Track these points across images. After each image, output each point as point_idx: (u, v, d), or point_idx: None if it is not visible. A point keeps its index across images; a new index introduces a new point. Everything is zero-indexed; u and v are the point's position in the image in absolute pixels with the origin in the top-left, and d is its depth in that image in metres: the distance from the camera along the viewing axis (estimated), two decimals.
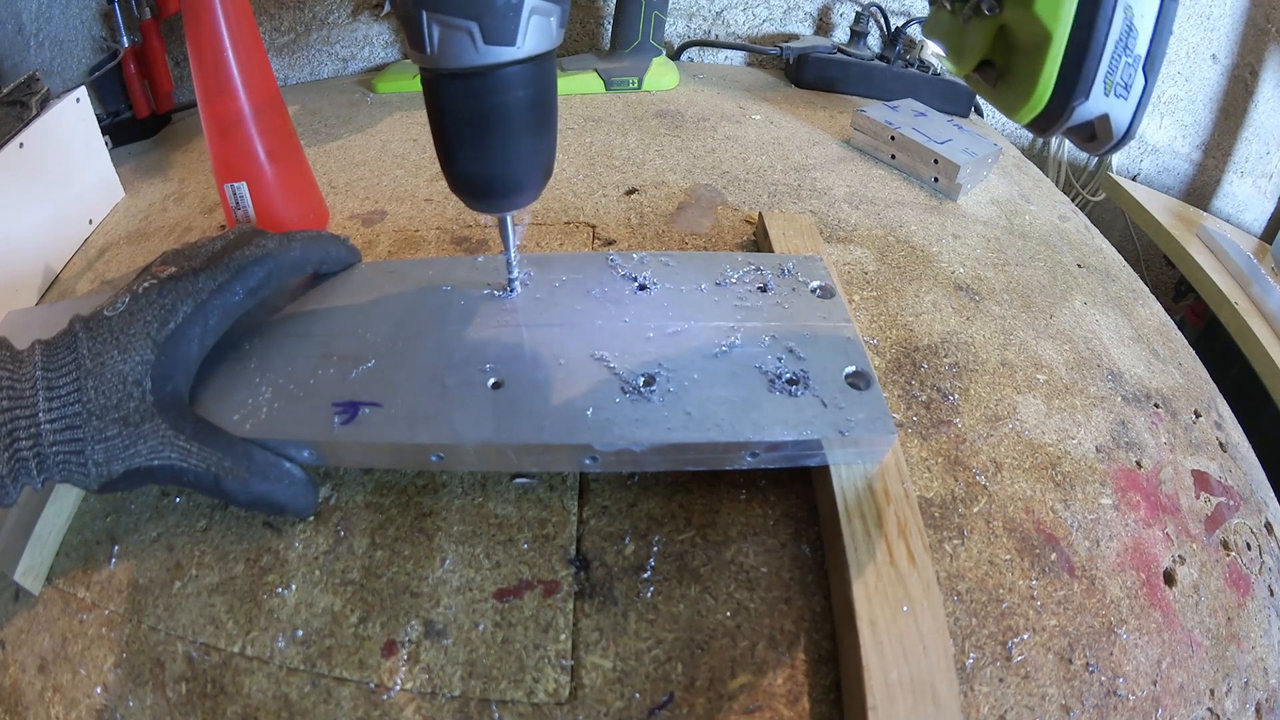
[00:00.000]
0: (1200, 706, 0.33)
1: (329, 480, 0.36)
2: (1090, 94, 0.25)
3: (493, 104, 0.28)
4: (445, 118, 0.29)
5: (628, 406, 0.32)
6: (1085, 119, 0.26)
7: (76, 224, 0.59)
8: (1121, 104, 0.26)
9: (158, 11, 0.72)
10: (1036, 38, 0.25)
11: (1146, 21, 0.25)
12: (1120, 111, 0.26)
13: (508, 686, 0.30)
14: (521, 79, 0.28)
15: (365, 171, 0.63)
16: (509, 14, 0.25)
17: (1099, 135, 0.27)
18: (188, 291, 0.32)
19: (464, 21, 0.25)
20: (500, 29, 0.26)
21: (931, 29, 0.30)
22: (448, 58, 0.26)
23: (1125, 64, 0.25)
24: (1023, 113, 0.27)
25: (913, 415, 0.41)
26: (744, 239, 0.53)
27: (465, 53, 0.26)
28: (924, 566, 0.30)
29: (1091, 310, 0.52)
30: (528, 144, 0.30)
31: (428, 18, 0.25)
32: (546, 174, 0.32)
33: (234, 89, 0.46)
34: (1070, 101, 0.26)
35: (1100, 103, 0.26)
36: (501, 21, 0.25)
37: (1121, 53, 0.25)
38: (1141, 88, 0.26)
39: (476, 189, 0.31)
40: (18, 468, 0.28)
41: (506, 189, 0.31)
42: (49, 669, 0.32)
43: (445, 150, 0.30)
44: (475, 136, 0.29)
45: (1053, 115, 0.26)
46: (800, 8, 0.90)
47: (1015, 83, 0.27)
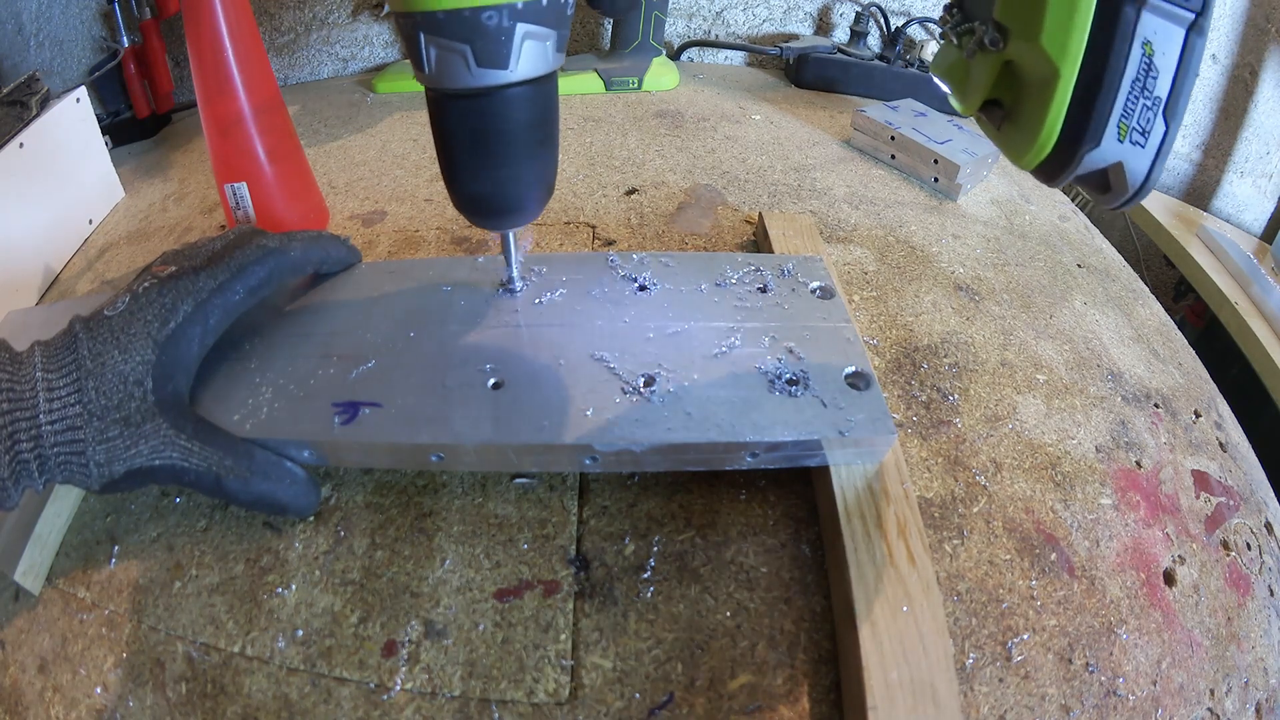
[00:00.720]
0: (1200, 706, 0.33)
1: (329, 480, 0.36)
2: (1102, 140, 0.23)
3: (491, 124, 0.28)
4: (447, 136, 0.30)
5: (628, 407, 0.32)
6: (1097, 167, 0.24)
7: (76, 224, 0.59)
8: (1138, 152, 0.23)
9: (158, 11, 0.72)
10: (1043, 75, 0.23)
11: (1168, 59, 0.22)
12: (1136, 161, 0.23)
13: (508, 686, 0.30)
14: (518, 101, 0.28)
15: (365, 171, 0.63)
16: (500, 38, 0.26)
17: (1113, 186, 0.24)
18: (188, 291, 0.32)
19: (458, 44, 0.26)
20: (492, 52, 0.26)
21: (938, 65, 0.28)
22: (445, 78, 0.27)
23: (1143, 107, 0.22)
24: (1028, 158, 0.25)
25: (913, 415, 0.41)
26: (744, 239, 0.53)
27: (460, 74, 0.27)
28: (924, 566, 0.30)
29: (1091, 310, 0.52)
30: (527, 164, 0.30)
31: (425, 39, 0.26)
32: (547, 193, 0.32)
33: (234, 89, 0.46)
34: (1079, 147, 0.23)
35: (1114, 150, 0.23)
36: (493, 45, 0.26)
37: (1139, 94, 0.22)
38: (1162, 135, 0.23)
39: (478, 207, 0.32)
40: (19, 470, 0.28)
41: (506, 208, 0.32)
42: (49, 669, 0.32)
43: (448, 168, 0.31)
44: (476, 156, 0.29)
45: (1060, 162, 0.24)
46: (800, 8, 0.90)
47: (1021, 125, 0.25)
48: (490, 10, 0.25)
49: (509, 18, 0.25)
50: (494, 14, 0.25)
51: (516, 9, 0.25)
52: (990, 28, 0.24)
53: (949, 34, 0.26)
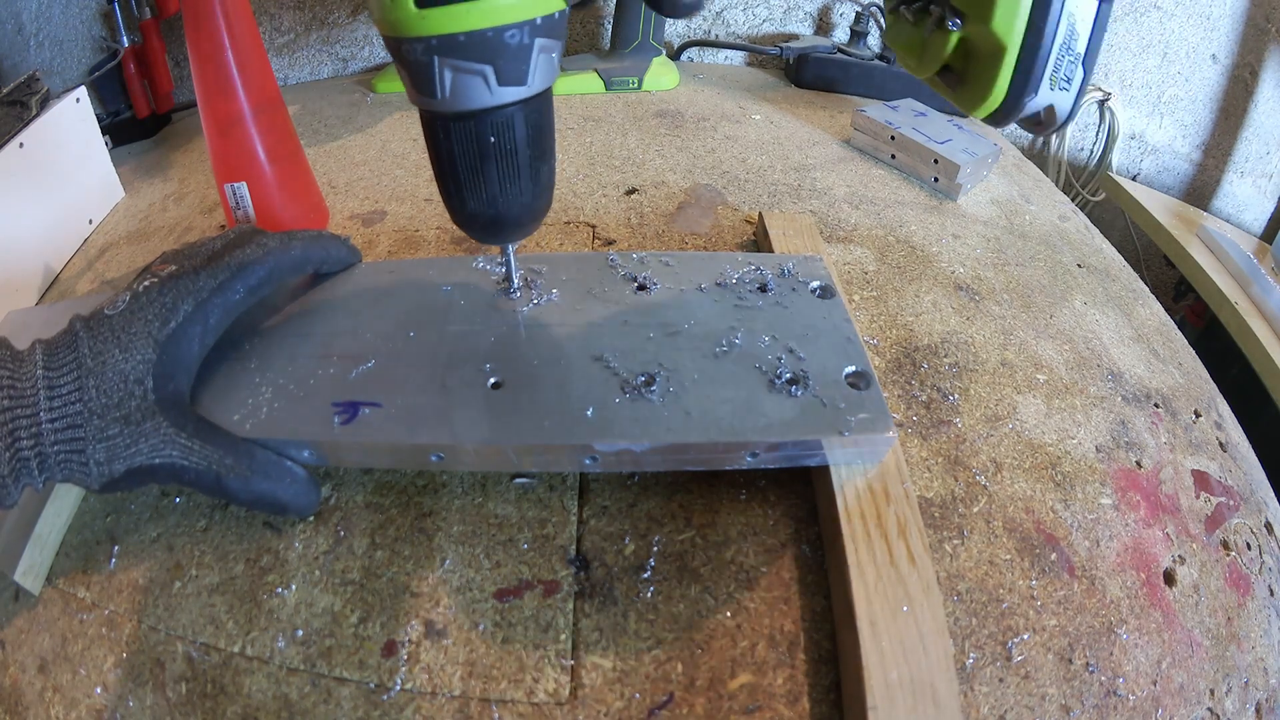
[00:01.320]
0: (1200, 706, 0.33)
1: (329, 480, 0.36)
2: (1039, 90, 0.29)
3: (497, 141, 0.28)
4: (451, 157, 0.29)
5: (628, 406, 0.32)
6: (1034, 110, 0.30)
7: (76, 224, 0.59)
8: (1064, 94, 0.29)
9: (158, 11, 0.72)
10: (993, 48, 0.28)
11: (1085, 24, 0.28)
12: (1063, 101, 0.30)
13: (508, 686, 0.30)
14: (527, 116, 0.28)
15: (365, 171, 0.63)
16: (522, 55, 0.26)
17: (1045, 121, 0.31)
18: (188, 290, 0.32)
19: (479, 66, 0.25)
20: (513, 70, 0.26)
21: (893, 37, 0.32)
22: (461, 101, 0.27)
23: (1068, 61, 0.28)
24: (980, 110, 0.30)
25: (913, 415, 0.41)
26: (744, 239, 0.53)
27: (479, 95, 0.26)
28: (924, 566, 0.30)
29: (1091, 310, 0.52)
30: (529, 178, 0.30)
31: (440, 63, 0.25)
32: (547, 205, 0.33)
33: (234, 89, 0.46)
34: (1022, 98, 0.29)
35: (1046, 96, 0.29)
36: (514, 63, 0.26)
37: (1065, 53, 0.28)
38: (1081, 79, 0.29)
39: (482, 224, 0.32)
40: (19, 467, 0.28)
41: (511, 223, 0.32)
42: (49, 669, 0.32)
43: (450, 189, 0.30)
44: (480, 174, 0.29)
45: (1007, 110, 0.30)
46: (800, 8, 0.90)
47: (974, 86, 0.30)
48: (513, 29, 0.25)
49: (529, 34, 0.25)
50: (516, 32, 0.25)
51: (536, 25, 0.25)
52: (949, 11, 0.29)
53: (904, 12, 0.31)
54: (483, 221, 0.31)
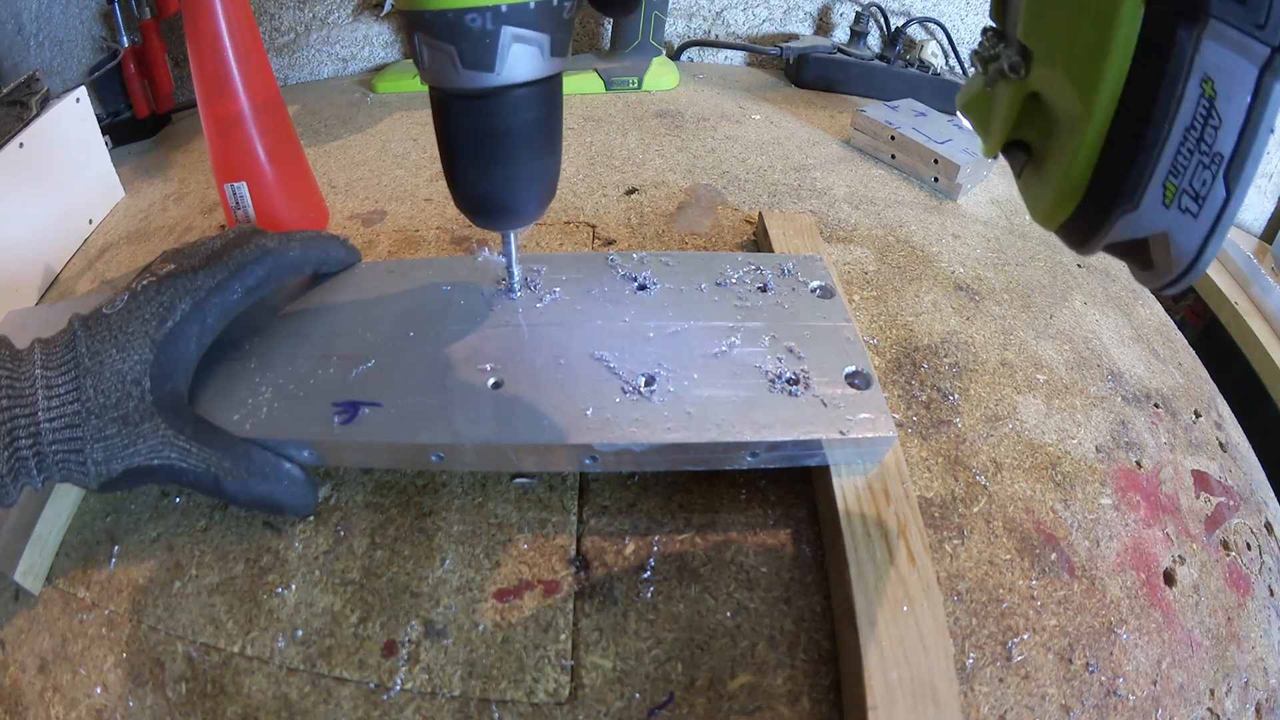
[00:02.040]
0: (1200, 706, 0.33)
1: (329, 480, 0.36)
2: (1142, 203, 0.18)
3: (490, 125, 0.28)
4: (448, 135, 0.30)
5: (628, 406, 0.32)
6: (1134, 236, 0.19)
7: (76, 224, 0.59)
8: (1188, 222, 0.18)
9: (158, 11, 0.72)
10: (1070, 112, 0.18)
11: (1235, 105, 0.17)
12: (1186, 233, 0.18)
13: (508, 686, 0.30)
14: (516, 103, 0.28)
15: (365, 171, 0.63)
16: (485, 40, 0.26)
17: (1156, 262, 0.19)
18: (186, 289, 0.32)
19: (445, 45, 0.26)
20: (476, 55, 0.26)
21: (962, 95, 0.24)
22: (436, 77, 0.27)
23: (1198, 164, 0.17)
24: (1048, 215, 0.20)
25: (913, 415, 0.41)
26: (744, 239, 0.53)
27: (449, 74, 0.27)
28: (924, 567, 0.30)
29: (1091, 310, 0.52)
30: (527, 165, 0.30)
31: (418, 38, 0.26)
32: (548, 195, 0.32)
33: (234, 89, 0.46)
34: (1112, 209, 0.18)
35: (1157, 216, 0.18)
36: (477, 48, 0.26)
37: (1194, 148, 0.17)
38: (1221, 202, 0.18)
39: (478, 206, 0.32)
40: (18, 467, 0.28)
41: (506, 208, 0.31)
42: (49, 669, 0.32)
43: (449, 167, 0.31)
44: (476, 155, 0.29)
45: (1088, 224, 0.19)
46: (800, 8, 0.90)
47: (1043, 173, 0.20)
48: (473, 13, 0.25)
49: (493, 21, 0.25)
50: (477, 16, 0.25)
51: (501, 12, 0.25)
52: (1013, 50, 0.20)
53: (976, 59, 0.22)
54: (475, 203, 0.31)
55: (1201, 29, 0.16)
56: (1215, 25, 0.16)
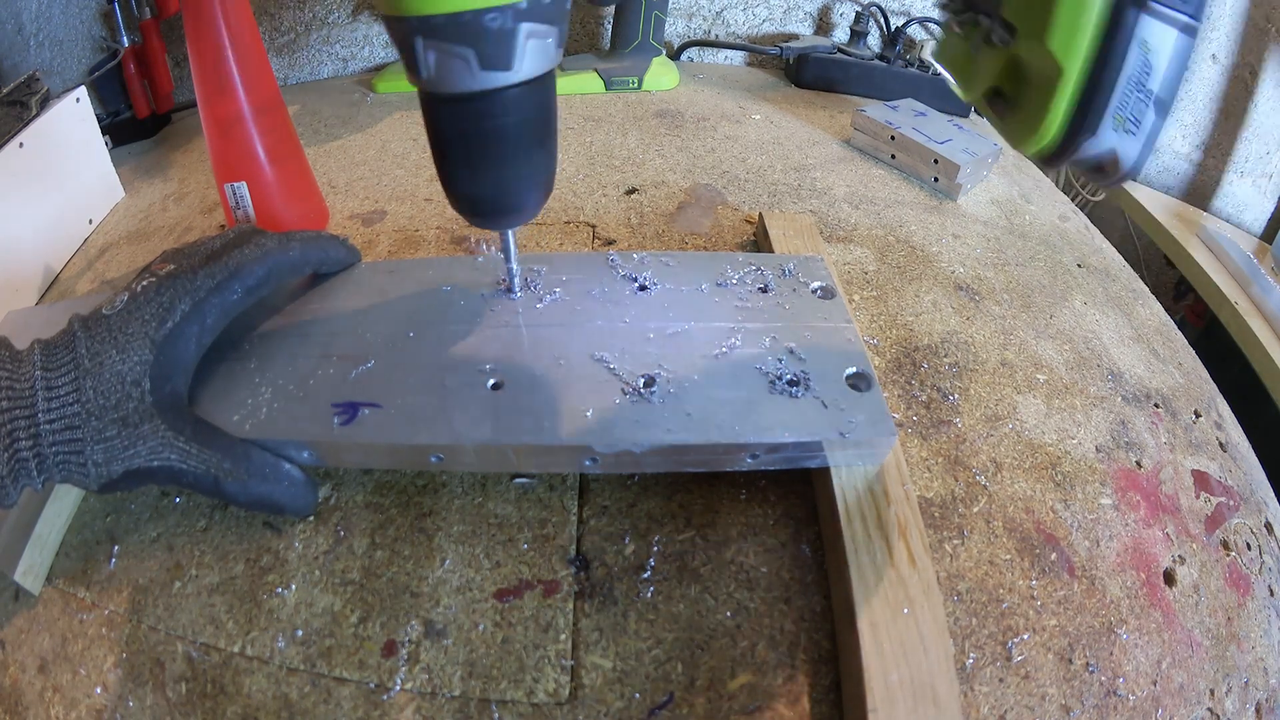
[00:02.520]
0: (1200, 706, 0.33)
1: (329, 480, 0.36)
2: (1099, 130, 0.24)
3: (490, 126, 0.28)
4: (443, 140, 0.29)
5: (628, 407, 0.32)
6: (1092, 154, 0.25)
7: (76, 224, 0.59)
8: (1130, 140, 0.25)
9: (158, 11, 0.72)
10: (1048, 72, 0.24)
11: (1162, 56, 0.23)
12: (1129, 147, 0.25)
13: (508, 686, 0.30)
14: (520, 101, 0.27)
15: (365, 171, 0.63)
16: (505, 39, 0.25)
17: (1106, 170, 0.26)
18: (185, 290, 0.32)
19: (460, 48, 0.25)
20: (497, 55, 0.25)
21: (941, 52, 0.29)
22: (445, 83, 0.26)
23: (1137, 100, 0.24)
24: (1029, 145, 0.26)
25: (913, 415, 0.41)
26: (744, 239, 0.53)
27: (462, 78, 0.26)
28: (924, 568, 0.30)
29: (1091, 310, 0.52)
30: (526, 165, 0.30)
31: (424, 44, 0.25)
32: (546, 192, 0.32)
33: (234, 89, 0.46)
34: (1078, 138, 0.25)
35: (1109, 139, 0.25)
36: (498, 47, 0.25)
37: (1134, 89, 0.24)
38: (1152, 123, 0.24)
39: (475, 208, 0.31)
40: (18, 468, 0.28)
41: (505, 208, 0.31)
42: (49, 669, 0.32)
43: (444, 171, 0.30)
44: (473, 158, 0.29)
45: (1061, 150, 0.25)
46: (800, 8, 0.90)
47: (1024, 115, 0.26)
48: (494, 12, 0.24)
49: (513, 18, 0.25)
50: (498, 15, 0.24)
51: (520, 9, 0.25)
52: (998, 24, 0.25)
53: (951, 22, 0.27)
54: (473, 204, 0.31)
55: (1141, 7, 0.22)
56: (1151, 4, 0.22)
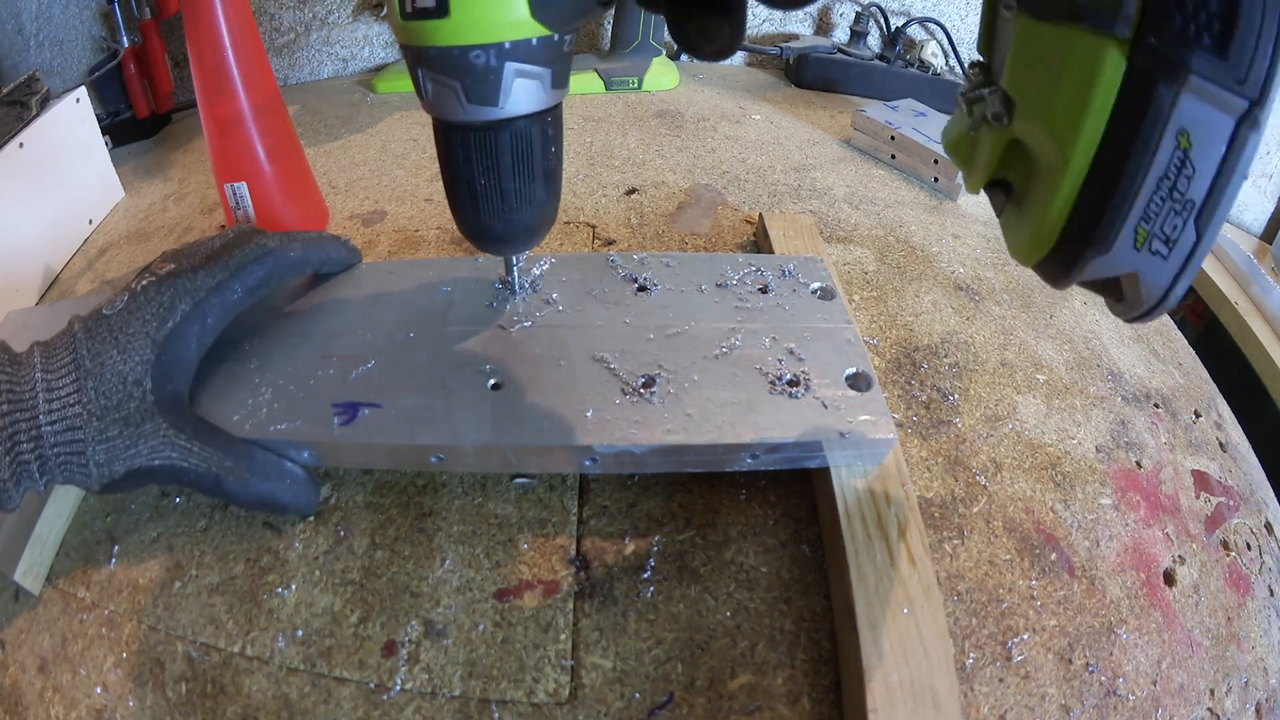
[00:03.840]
0: (1200, 706, 0.33)
1: (329, 480, 0.36)
2: (1113, 246, 0.19)
3: (491, 157, 0.29)
4: (448, 164, 0.30)
5: (628, 408, 0.32)
6: (1107, 275, 0.20)
7: (76, 224, 0.59)
8: (1158, 264, 0.19)
9: (158, 11, 0.72)
10: (1049, 161, 0.19)
11: (1209, 156, 0.17)
12: (1155, 273, 0.19)
13: (508, 686, 0.30)
14: (516, 136, 0.28)
15: (365, 171, 0.63)
16: (489, 77, 0.26)
17: (1126, 296, 0.20)
18: (186, 289, 0.32)
19: (449, 80, 0.26)
20: (480, 91, 0.26)
21: (946, 133, 0.24)
22: (440, 110, 0.28)
23: (1170, 210, 0.18)
24: (1025, 253, 0.21)
25: (913, 415, 0.41)
26: (744, 239, 0.53)
27: (453, 108, 0.27)
28: (924, 568, 0.30)
29: (1091, 310, 0.52)
30: (525, 197, 0.30)
31: (422, 74, 0.27)
32: (549, 223, 0.33)
33: (234, 89, 0.46)
34: (1085, 251, 0.19)
35: (1127, 258, 0.19)
36: (482, 83, 0.26)
37: (1167, 196, 0.18)
38: (1190, 246, 0.18)
39: (477, 234, 0.32)
40: (20, 471, 0.28)
41: (505, 237, 0.32)
42: (49, 669, 0.32)
43: (451, 196, 0.31)
44: (475, 185, 0.30)
45: (1064, 264, 0.20)
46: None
47: (1022, 214, 0.21)
48: (478, 50, 0.25)
49: (496, 57, 0.26)
50: (481, 54, 0.25)
51: (504, 49, 0.25)
52: (997, 99, 0.21)
53: (961, 99, 0.23)
54: (477, 231, 0.32)
55: (1181, 85, 0.17)
56: (1195, 81, 0.17)
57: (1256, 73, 0.16)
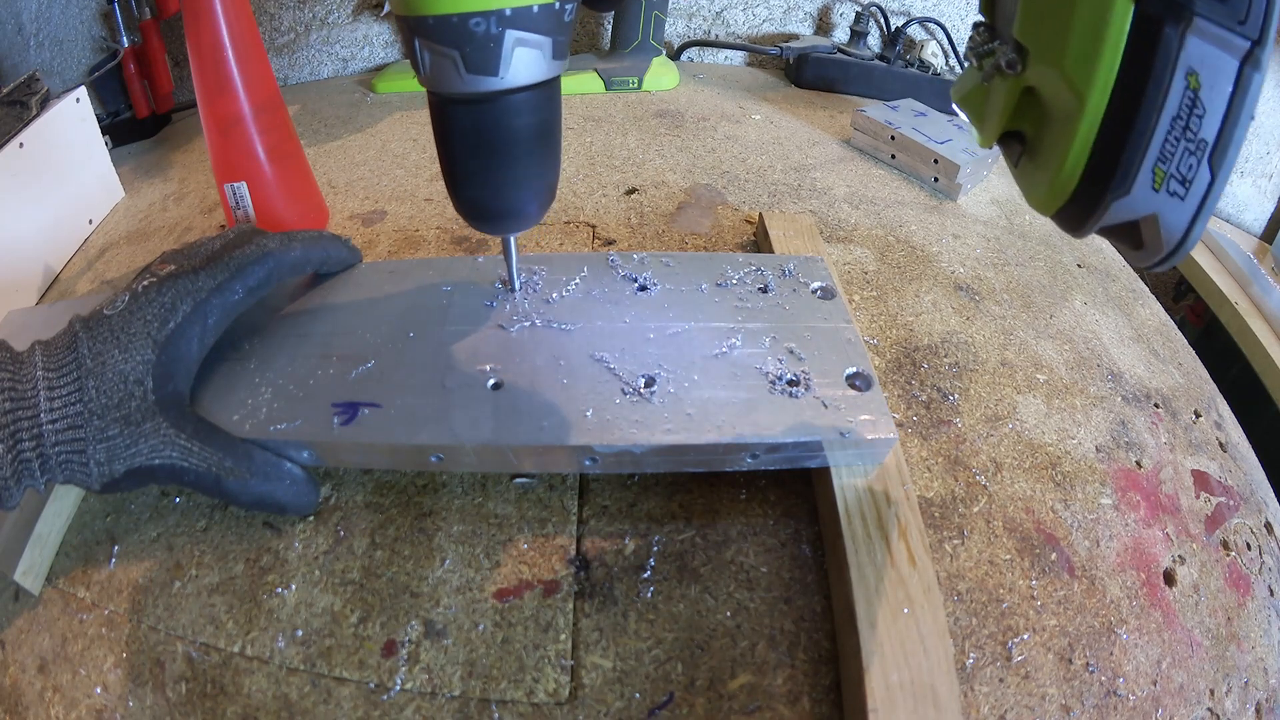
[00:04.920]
0: (1200, 706, 0.33)
1: (329, 480, 0.36)
2: (1133, 188, 0.19)
3: (488, 129, 0.28)
4: (447, 140, 0.30)
5: (628, 408, 0.32)
6: (1126, 219, 0.20)
7: (76, 224, 0.59)
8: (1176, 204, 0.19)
9: (158, 11, 0.72)
10: (1066, 106, 0.20)
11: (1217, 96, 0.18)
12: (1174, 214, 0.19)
13: (508, 686, 0.30)
14: (515, 107, 0.28)
15: (365, 171, 0.63)
16: (489, 45, 0.26)
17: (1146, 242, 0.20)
18: (187, 290, 0.32)
19: (448, 50, 0.26)
20: (480, 59, 0.26)
21: (958, 89, 0.25)
22: (438, 82, 0.27)
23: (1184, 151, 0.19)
24: (1045, 201, 0.21)
25: (913, 415, 0.41)
26: (744, 239, 0.53)
27: (452, 79, 0.27)
28: (924, 568, 0.30)
29: (1091, 310, 0.52)
30: (526, 169, 0.30)
31: (419, 44, 0.26)
32: (548, 198, 0.32)
33: (234, 89, 0.46)
34: (1105, 194, 0.20)
35: (1147, 200, 0.19)
36: (482, 52, 0.26)
37: (1180, 135, 0.18)
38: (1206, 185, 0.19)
39: (475, 211, 0.32)
40: (21, 469, 0.28)
41: (505, 212, 0.31)
42: (49, 669, 0.32)
43: (448, 172, 0.31)
44: (474, 160, 0.29)
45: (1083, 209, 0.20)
46: (800, 8, 0.90)
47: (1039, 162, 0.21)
48: (478, 17, 0.25)
49: (497, 24, 0.25)
50: (481, 20, 0.25)
51: (505, 15, 0.25)
52: (1009, 48, 0.21)
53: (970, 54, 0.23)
54: (474, 207, 0.31)
55: (1186, 26, 0.18)
56: (1199, 23, 0.18)
57: (1255, 14, 0.17)
